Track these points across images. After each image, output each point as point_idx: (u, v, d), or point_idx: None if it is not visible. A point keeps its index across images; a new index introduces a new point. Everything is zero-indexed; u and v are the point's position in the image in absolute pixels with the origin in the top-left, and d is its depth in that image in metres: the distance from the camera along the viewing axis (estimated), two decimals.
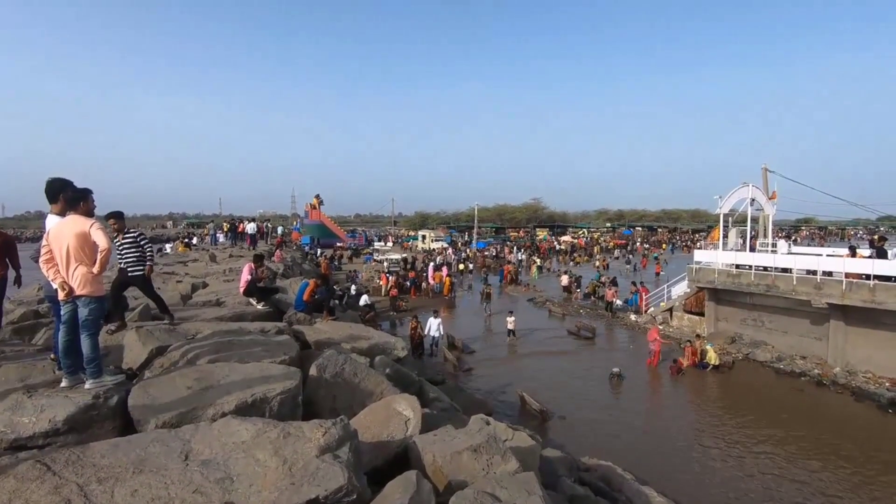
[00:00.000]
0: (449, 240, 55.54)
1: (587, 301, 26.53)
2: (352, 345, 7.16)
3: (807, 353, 15.58)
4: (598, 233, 79.16)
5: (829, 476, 9.33)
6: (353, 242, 50.48)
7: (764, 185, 20.69)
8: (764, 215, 20.88)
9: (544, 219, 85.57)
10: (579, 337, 19.27)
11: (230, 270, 14.63)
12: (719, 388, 14.09)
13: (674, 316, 20.38)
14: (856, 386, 13.54)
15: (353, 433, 3.44)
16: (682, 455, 10.07)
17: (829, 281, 14.67)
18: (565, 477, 6.95)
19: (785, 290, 15.65)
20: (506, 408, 12.20)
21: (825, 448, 10.41)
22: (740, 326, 17.66)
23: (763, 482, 9.11)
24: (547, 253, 51.48)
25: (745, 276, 16.90)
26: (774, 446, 10.44)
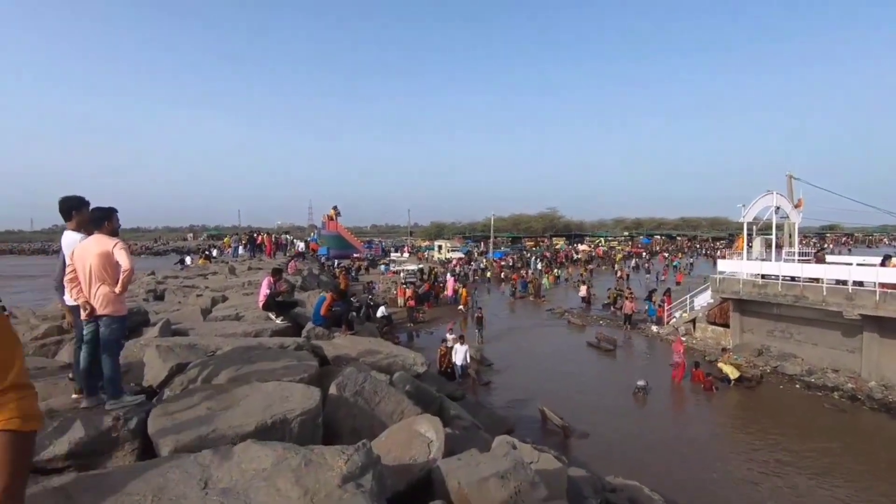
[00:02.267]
0: (465, 250, 55.41)
1: (607, 311, 26.11)
2: (371, 361, 7.07)
3: (839, 366, 15.02)
4: (615, 241, 78.23)
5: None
6: (369, 253, 50.68)
7: (789, 192, 20.16)
8: (789, 223, 20.34)
9: (560, 228, 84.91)
10: (600, 349, 18.90)
11: (249, 283, 14.72)
12: (747, 403, 13.63)
13: (697, 327, 19.89)
14: (892, 401, 12.98)
15: (376, 460, 3.31)
16: (709, 475, 9.70)
17: (862, 291, 14.15)
18: (591, 498, 6.72)
19: (814, 301, 15.15)
20: (527, 423, 11.94)
21: (862, 470, 9.94)
22: (767, 338, 17.12)
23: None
24: (565, 262, 50.98)
25: (771, 287, 16.42)
26: (808, 468, 10.01)
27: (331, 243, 45.90)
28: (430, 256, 51.96)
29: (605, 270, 46.81)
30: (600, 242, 73.62)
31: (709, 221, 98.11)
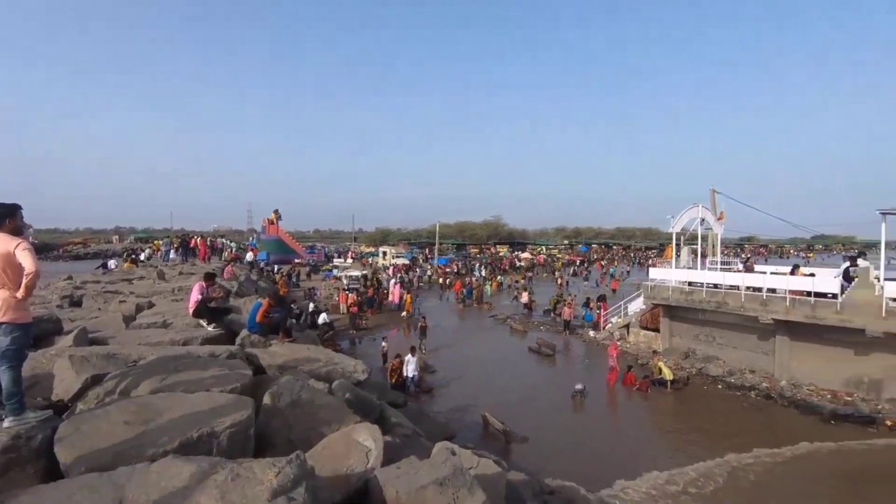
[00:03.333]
0: (410, 256, 55.25)
1: (548, 317, 26.82)
2: (309, 369, 6.84)
3: (755, 367, 16.20)
4: (556, 249, 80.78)
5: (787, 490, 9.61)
6: (311, 258, 49.38)
7: (713, 205, 21.65)
8: (713, 234, 21.82)
9: (504, 236, 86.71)
10: (540, 354, 19.36)
11: (179, 289, 13.89)
12: (676, 404, 14.37)
13: (630, 332, 20.84)
14: (800, 399, 14.14)
15: (310, 471, 3.19)
16: (642, 473, 10.12)
17: (774, 298, 15.38)
18: (530, 501, 6.82)
19: (734, 307, 16.29)
20: (469, 429, 12.00)
21: (782, 463, 10.73)
22: (693, 342, 18.22)
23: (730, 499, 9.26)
24: (508, 269, 51.97)
25: (697, 294, 17.51)
26: (736, 464, 10.67)
27: (271, 248, 44.33)
28: (375, 262, 51.40)
29: (546, 278, 48.15)
30: (542, 250, 75.73)
31: (642, 231, 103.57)
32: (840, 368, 14.37)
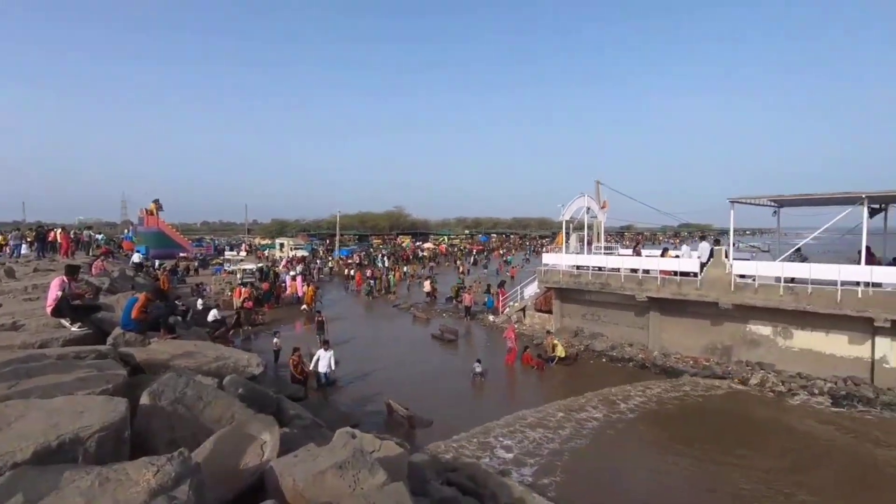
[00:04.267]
0: (310, 248, 53.33)
1: (450, 305, 27.44)
2: (196, 365, 6.34)
3: (633, 340, 17.99)
4: (457, 239, 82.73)
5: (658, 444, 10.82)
6: (199, 253, 45.68)
7: (597, 195, 23.49)
8: (598, 222, 23.72)
9: (407, 226, 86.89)
10: (443, 340, 19.78)
11: (34, 287, 12.11)
12: (567, 378, 15.45)
13: (527, 315, 22.03)
14: (669, 366, 15.98)
15: (195, 468, 2.96)
16: (540, 443, 10.80)
17: (648, 278, 17.15)
18: (434, 481, 6.97)
19: (615, 287, 17.91)
20: (373, 417, 11.94)
21: (651, 416, 12.06)
22: (581, 321, 19.75)
23: (612, 452, 10.19)
24: (411, 259, 52.20)
25: (584, 276, 18.97)
26: (614, 423, 11.78)
27: (150, 241, 40.23)
28: (272, 255, 48.83)
29: (448, 267, 49.17)
30: (444, 240, 77.12)
31: (537, 221, 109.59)
32: (700, 337, 16.46)
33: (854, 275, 13.34)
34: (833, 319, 13.73)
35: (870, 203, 14.06)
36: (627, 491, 9.00)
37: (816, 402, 12.76)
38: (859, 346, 13.57)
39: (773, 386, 13.78)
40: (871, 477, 9.40)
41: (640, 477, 9.54)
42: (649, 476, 9.54)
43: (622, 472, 9.78)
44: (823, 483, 9.08)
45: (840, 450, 10.52)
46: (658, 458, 10.34)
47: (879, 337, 13.16)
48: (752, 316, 15.36)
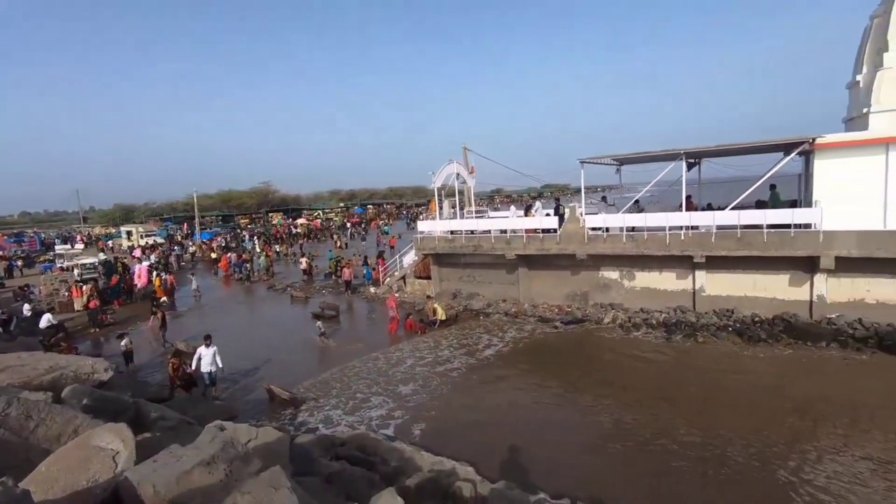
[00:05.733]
0: (165, 234, 47.95)
1: (329, 280, 26.80)
2: (22, 380, 5.45)
3: (506, 297, 19.30)
4: (333, 212, 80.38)
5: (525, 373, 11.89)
6: (19, 249, 38.56)
7: (465, 161, 24.26)
8: (467, 188, 24.61)
9: (276, 203, 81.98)
10: (324, 317, 19.36)
11: None
12: (448, 337, 16.11)
13: (407, 283, 22.40)
14: (538, 315, 17.51)
15: (21, 495, 2.58)
16: (428, 399, 11.23)
17: (516, 237, 18.38)
18: (321, 458, 6.93)
19: (487, 248, 18.93)
20: (254, 406, 11.41)
21: (534, 353, 13.19)
22: (459, 283, 20.63)
23: (480, 395, 10.96)
24: (286, 238, 49.61)
25: (458, 241, 19.71)
26: (492, 365, 12.66)
27: None
28: (118, 245, 42.99)
29: (325, 241, 47.73)
30: (318, 215, 74.37)
31: (413, 189, 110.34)
32: (562, 287, 18.20)
33: (677, 220, 15.63)
34: (664, 260, 16.07)
35: (687, 158, 16.45)
36: (500, 429, 9.74)
37: (654, 336, 14.85)
38: (684, 280, 16.10)
39: (623, 322, 15.86)
40: (698, 391, 11.40)
41: (512, 415, 10.41)
42: (521, 413, 10.47)
43: (493, 413, 10.54)
44: (657, 399, 10.79)
45: (670, 374, 12.55)
46: (525, 395, 11.34)
47: (698, 270, 15.73)
48: (603, 263, 17.34)
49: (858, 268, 13.58)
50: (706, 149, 16.38)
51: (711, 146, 16.19)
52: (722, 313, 15.27)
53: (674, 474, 7.91)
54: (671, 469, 8.06)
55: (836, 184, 14.20)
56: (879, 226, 13.66)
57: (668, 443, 8.81)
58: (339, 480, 5.53)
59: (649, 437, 9.07)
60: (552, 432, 9.54)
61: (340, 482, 5.47)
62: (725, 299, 15.50)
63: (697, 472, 7.95)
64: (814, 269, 14.00)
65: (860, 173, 13.92)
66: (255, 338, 17.12)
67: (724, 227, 14.89)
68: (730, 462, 8.14)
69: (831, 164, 14.30)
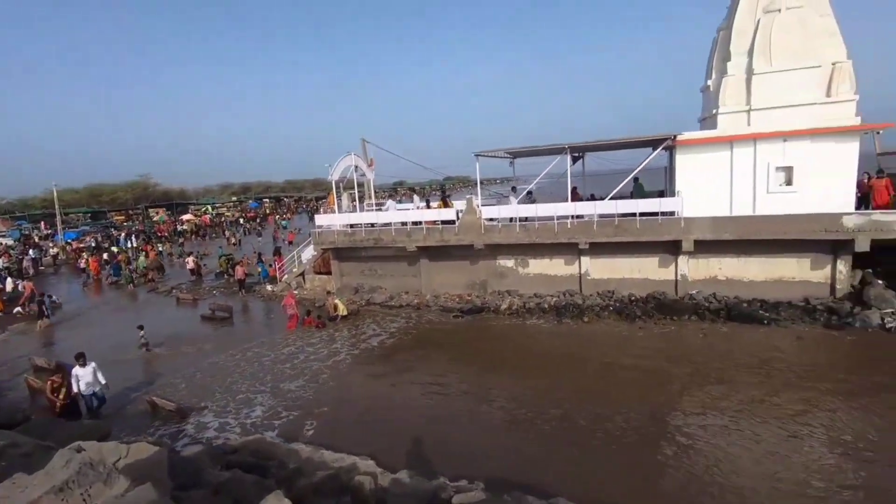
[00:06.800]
0: (17, 234, 41.66)
1: (220, 280, 25.10)
2: None
3: (409, 288, 19.44)
4: (224, 207, 75.16)
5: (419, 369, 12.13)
6: None
7: (364, 154, 23.93)
8: (367, 180, 24.31)
9: (158, 197, 74.70)
10: (215, 319, 18.14)
11: None
12: (349, 332, 15.88)
13: (306, 279, 21.66)
14: (440, 305, 17.88)
15: None
16: (319, 395, 11.00)
17: (416, 229, 18.54)
18: (209, 469, 6.54)
19: (388, 241, 18.89)
20: (134, 420, 10.42)
21: (428, 342, 13.42)
22: (360, 277, 20.38)
23: (397, 391, 11.01)
24: (170, 236, 45.45)
25: (358, 234, 19.44)
26: (397, 362, 12.73)
27: None
28: None
29: (216, 239, 44.50)
30: (207, 210, 69.02)
31: (312, 182, 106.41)
32: (462, 276, 18.74)
33: (564, 210, 16.78)
34: (554, 247, 17.18)
35: (571, 152, 17.68)
36: (399, 418, 9.85)
37: (547, 319, 15.85)
38: (571, 265, 17.36)
39: (518, 308, 16.73)
40: (590, 368, 12.39)
41: (410, 404, 10.58)
42: (418, 402, 10.67)
43: (390, 403, 10.59)
44: (548, 379, 11.58)
45: (559, 354, 13.51)
46: (422, 384, 11.53)
47: (583, 256, 17.03)
48: (499, 252, 18.12)
49: (712, 249, 15.58)
50: (588, 144, 17.71)
51: (592, 141, 17.54)
52: (604, 295, 16.72)
53: (568, 447, 8.53)
54: (566, 442, 8.69)
55: (694, 176, 16.17)
56: (727, 212, 15.80)
57: (560, 419, 9.50)
58: (228, 490, 5.26)
59: (542, 415, 9.69)
60: (451, 418, 9.83)
61: (229, 492, 5.20)
62: (607, 282, 16.98)
63: (589, 443, 8.62)
64: (677, 251, 15.80)
65: (711, 167, 15.97)
66: (136, 346, 15.54)
67: (605, 215, 16.26)
68: (617, 429, 8.96)
69: (689, 159, 16.22)
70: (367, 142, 25.12)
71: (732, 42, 16.19)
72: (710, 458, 7.84)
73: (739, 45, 16.06)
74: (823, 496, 6.85)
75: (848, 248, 14.20)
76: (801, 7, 15.15)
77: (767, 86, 15.55)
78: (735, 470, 7.52)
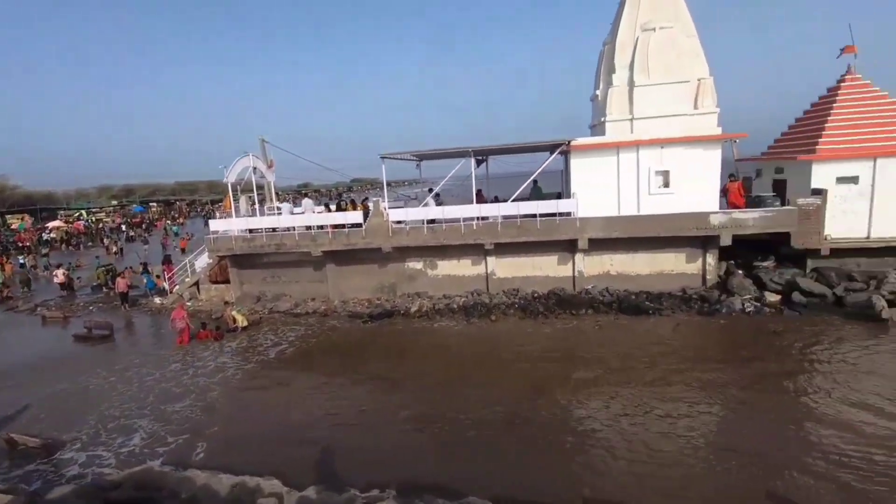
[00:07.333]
0: None
1: (98, 294, 22.46)
2: None
3: (316, 295, 18.74)
4: (103, 212, 67.54)
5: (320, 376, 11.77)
6: None
7: (263, 154, 22.67)
8: (267, 182, 23.09)
9: (18, 201, 65.19)
10: (92, 339, 16.17)
11: None
12: (249, 343, 14.92)
13: (201, 289, 20.07)
14: (349, 311, 17.45)
15: None
16: (215, 414, 10.23)
17: (321, 233, 17.93)
18: None
19: (291, 246, 18.07)
20: None
21: (332, 349, 12.99)
22: (263, 285, 19.28)
23: (302, 406, 10.50)
24: (34, 246, 39.81)
25: (258, 240, 18.36)
26: (293, 366, 12.18)
27: None
28: None
29: (92, 248, 39.77)
30: (81, 215, 61.50)
31: (207, 184, 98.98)
32: (371, 280, 18.46)
33: (469, 212, 17.16)
34: (461, 248, 17.51)
35: (475, 155, 18.15)
36: (304, 433, 9.40)
37: (455, 321, 16.05)
38: (478, 266, 17.81)
39: (428, 310, 16.80)
40: (499, 364, 12.73)
41: (314, 417, 10.14)
42: (323, 413, 10.29)
43: (293, 417, 10.06)
44: (456, 379, 11.77)
45: (468, 354, 13.79)
46: (325, 394, 11.11)
47: (489, 256, 17.55)
48: (408, 255, 18.10)
49: (604, 246, 16.81)
50: (491, 147, 18.29)
51: (495, 145, 18.14)
52: (510, 293, 17.35)
53: (477, 445, 8.66)
54: (475, 440, 8.82)
55: (587, 179, 17.35)
56: (616, 212, 17.15)
57: (468, 417, 9.64)
58: None
59: (451, 414, 9.78)
60: (358, 425, 9.59)
61: None
62: (512, 280, 17.65)
63: (498, 439, 8.83)
64: (574, 249, 16.84)
65: (602, 170, 17.25)
66: None
67: (508, 217, 16.89)
68: (523, 423, 9.29)
69: (582, 163, 17.37)
70: (266, 142, 23.84)
71: (616, 56, 17.62)
72: (609, 443, 8.43)
73: (622, 59, 17.52)
74: (706, 455, 7.68)
75: (714, 243, 16.08)
76: (672, 27, 16.88)
77: (646, 97, 17.12)
78: (631, 449, 8.17)
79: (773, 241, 16.25)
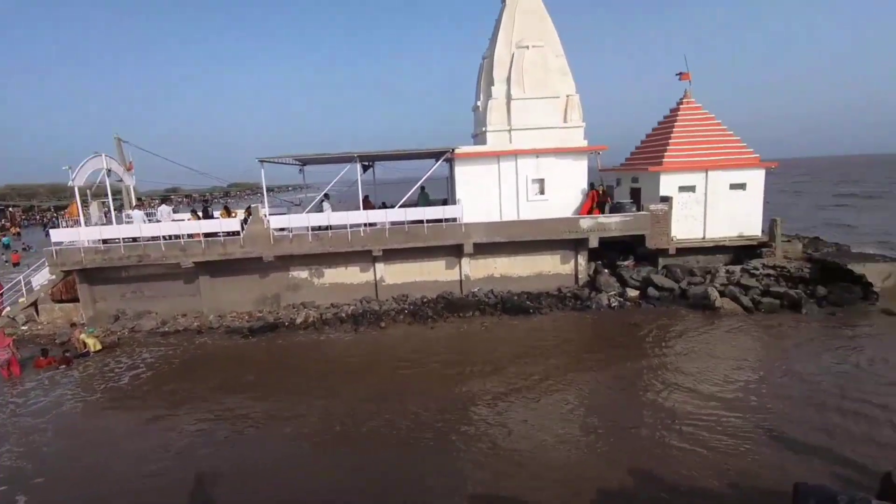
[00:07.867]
0: None
1: None
2: None
3: (187, 310, 17.05)
4: None
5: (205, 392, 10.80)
6: None
7: (119, 155, 20.16)
8: (125, 186, 20.58)
9: None
10: None
11: None
12: (98, 369, 13.11)
13: (41, 310, 17.20)
14: (226, 325, 16.14)
15: None
16: (43, 461, 8.84)
17: (192, 242, 16.37)
18: None
19: (157, 258, 16.26)
20: None
21: (201, 371, 11.91)
22: (122, 302, 17.07)
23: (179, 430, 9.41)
24: None
25: (115, 251, 16.24)
26: (168, 392, 10.96)
27: None
28: None
29: None
30: None
31: (48, 189, 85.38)
32: (251, 292, 17.29)
33: (356, 219, 16.88)
34: (348, 255, 17.14)
35: (361, 161, 17.93)
36: (163, 479, 8.60)
37: (343, 330, 15.60)
38: (367, 273, 17.57)
39: (315, 320, 16.14)
40: (397, 380, 12.59)
41: (180, 456, 9.27)
42: (181, 445, 9.45)
43: (149, 459, 9.04)
44: (346, 392, 11.48)
45: (359, 363, 13.52)
46: (192, 426, 10.30)
47: (378, 263, 17.41)
48: (292, 263, 17.26)
49: (488, 250, 17.57)
50: (376, 153, 18.18)
51: (381, 151, 18.07)
52: (399, 299, 17.37)
53: (381, 453, 8.54)
54: (379, 449, 8.70)
55: (471, 186, 18.03)
56: (498, 218, 18.04)
57: (367, 427, 9.45)
58: None
59: (348, 427, 9.52)
60: (232, 459, 8.79)
61: None
62: (401, 286, 17.67)
63: (403, 443, 8.81)
64: (460, 254, 17.37)
65: (484, 178, 18.06)
66: None
67: (396, 223, 16.91)
68: (422, 426, 9.32)
69: (466, 171, 18.02)
70: (123, 141, 21.22)
71: (494, 70, 18.58)
72: (501, 435, 8.90)
73: (500, 73, 18.53)
74: (590, 438, 8.34)
75: (584, 245, 17.63)
76: (543, 47, 18.25)
77: (522, 110, 18.29)
78: (525, 437, 8.69)
79: (633, 242, 18.29)
